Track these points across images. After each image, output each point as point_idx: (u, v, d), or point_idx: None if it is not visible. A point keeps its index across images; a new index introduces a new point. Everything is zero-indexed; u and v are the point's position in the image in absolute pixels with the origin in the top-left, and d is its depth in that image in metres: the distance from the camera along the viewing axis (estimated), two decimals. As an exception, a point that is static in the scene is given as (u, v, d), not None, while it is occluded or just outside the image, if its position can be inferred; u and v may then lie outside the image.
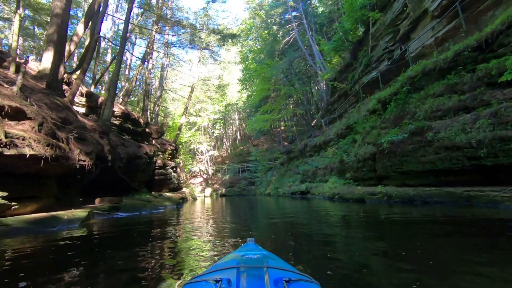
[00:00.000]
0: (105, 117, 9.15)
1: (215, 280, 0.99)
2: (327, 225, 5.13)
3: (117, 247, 3.89)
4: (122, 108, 13.21)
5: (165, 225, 6.20)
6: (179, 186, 23.34)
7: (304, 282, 1.04)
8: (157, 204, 10.34)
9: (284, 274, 1.06)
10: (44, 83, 7.09)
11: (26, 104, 4.94)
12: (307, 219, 6.16)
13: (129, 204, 8.53)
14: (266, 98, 30.75)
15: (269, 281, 0.98)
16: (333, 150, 16.25)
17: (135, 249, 3.60)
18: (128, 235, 4.86)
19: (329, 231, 4.44)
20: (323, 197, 12.89)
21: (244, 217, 7.63)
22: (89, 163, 6.29)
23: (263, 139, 48.42)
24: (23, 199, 5.40)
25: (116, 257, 3.26)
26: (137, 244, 3.94)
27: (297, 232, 4.66)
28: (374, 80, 14.53)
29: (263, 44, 31.34)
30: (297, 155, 25.41)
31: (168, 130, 30.50)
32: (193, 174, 41.97)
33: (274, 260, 1.36)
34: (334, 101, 22.76)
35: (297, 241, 3.83)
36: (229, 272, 1.08)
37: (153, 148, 14.69)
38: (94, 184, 9.22)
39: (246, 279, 1.03)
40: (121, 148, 10.34)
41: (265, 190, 28.37)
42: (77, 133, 6.34)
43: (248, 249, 1.70)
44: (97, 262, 3.06)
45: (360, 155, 10.10)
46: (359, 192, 8.78)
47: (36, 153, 4.63)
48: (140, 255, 3.27)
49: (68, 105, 7.21)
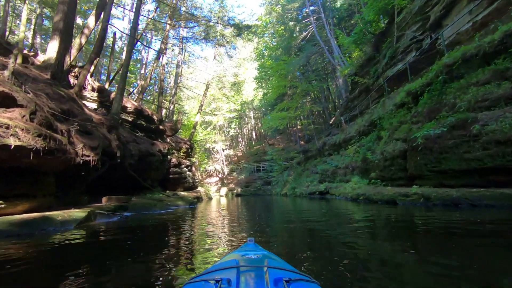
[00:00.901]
0: (114, 111, 8.76)
1: (215, 280, 0.96)
2: (353, 232, 4.40)
3: (106, 257, 3.25)
4: (135, 104, 12.91)
5: (172, 229, 5.55)
6: (194, 185, 23.05)
7: (304, 282, 1.02)
8: (169, 203, 9.87)
9: (284, 274, 1.04)
10: (49, 73, 6.76)
11: (17, 90, 4.50)
12: (329, 224, 5.43)
13: (138, 203, 8.07)
14: (282, 96, 29.97)
15: (269, 281, 0.97)
16: (354, 148, 15.31)
17: (127, 260, 3.00)
18: (126, 241, 4.23)
19: (357, 241, 3.69)
20: (344, 198, 12.03)
21: (260, 220, 6.99)
22: (94, 158, 5.85)
23: (279, 138, 47.62)
24: (12, 197, 4.86)
25: (100, 271, 2.67)
26: (132, 254, 3.32)
27: (318, 240, 3.96)
28: (400, 73, 13.49)
29: (279, 40, 30.50)
30: (315, 154, 24.49)
31: (183, 128, 30.37)
32: (208, 173, 41.80)
33: (274, 260, 1.35)
34: (354, 98, 21.69)
35: (319, 253, 3.15)
36: (229, 272, 1.06)
37: (167, 146, 14.33)
38: (104, 183, 8.86)
39: (246, 279, 1.02)
40: (133, 144, 9.97)
41: (281, 190, 27.67)
42: (81, 126, 5.91)
43: (248, 249, 1.67)
44: (74, 277, 2.44)
45: (388, 153, 9.20)
46: (389, 193, 7.91)
47: (23, 144, 4.11)
48: (131, 269, 2.69)
49: (73, 97, 6.84)
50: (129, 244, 3.92)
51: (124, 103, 11.92)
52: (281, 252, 3.20)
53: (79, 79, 8.10)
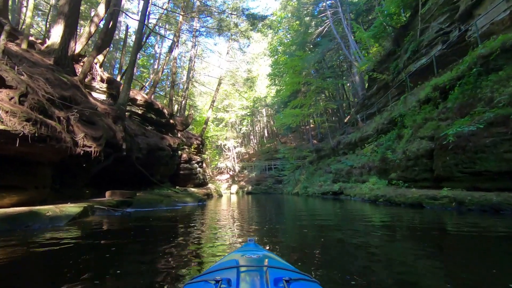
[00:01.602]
0: (121, 101, 8.40)
1: (215, 280, 0.96)
2: (375, 238, 3.85)
3: (90, 264, 2.73)
4: (145, 96, 12.63)
5: (173, 231, 4.86)
6: (205, 182, 22.81)
7: (304, 281, 1.02)
8: (177, 200, 9.51)
9: (284, 274, 1.03)
10: (52, 59, 6.49)
11: (7, 69, 4.15)
12: (345, 228, 4.89)
13: (143, 199, 7.70)
14: (296, 93, 29.29)
15: (269, 281, 0.96)
16: (371, 147, 14.58)
17: (112, 268, 2.54)
18: (121, 242, 3.73)
19: (381, 251, 3.17)
20: (361, 199, 11.39)
21: (271, 221, 6.52)
22: (97, 150, 5.51)
23: (291, 137, 46.91)
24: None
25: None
26: (114, 266, 2.65)
27: (334, 248, 3.43)
28: (423, 68, 12.65)
29: (294, 35, 29.69)
30: (329, 153, 23.78)
31: (194, 124, 30.16)
32: (219, 170, 41.66)
33: (274, 260, 1.33)
34: (371, 95, 20.82)
35: (337, 265, 2.64)
36: (229, 272, 1.05)
37: (177, 141, 14.03)
38: (109, 176, 8.59)
39: (246, 279, 1.01)
40: (141, 138, 9.68)
41: (292, 189, 27.13)
42: (83, 115, 5.57)
43: (248, 249, 1.65)
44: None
45: (411, 152, 8.52)
46: (413, 195, 7.26)
47: (7, 129, 3.68)
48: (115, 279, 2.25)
49: (76, 84, 6.53)
50: (114, 250, 3.24)
51: (134, 96, 11.66)
52: (297, 261, 2.72)
53: (84, 66, 7.79)
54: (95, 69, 9.65)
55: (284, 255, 2.87)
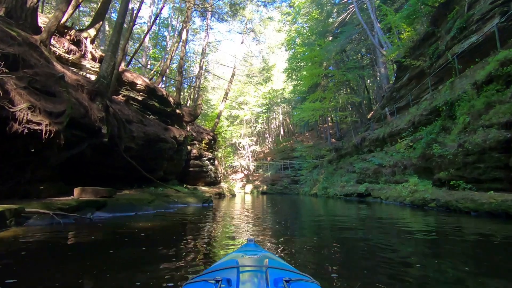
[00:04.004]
0: (103, 73, 6.78)
1: (215, 280, 0.95)
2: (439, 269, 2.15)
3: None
4: (146, 81, 11.17)
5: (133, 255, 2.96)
6: (217, 180, 21.41)
7: (304, 281, 1.01)
8: (177, 200, 7.97)
9: (284, 274, 1.03)
10: (3, 9, 5.15)
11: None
12: (398, 248, 3.18)
13: (124, 199, 6.10)
14: (315, 87, 27.40)
15: (269, 281, 0.95)
16: (406, 142, 12.62)
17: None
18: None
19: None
20: (399, 203, 9.53)
21: (290, 230, 4.93)
22: (52, 129, 4.05)
23: (308, 135, 44.99)
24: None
25: None
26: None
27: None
28: (474, 47, 10.59)
29: (313, 24, 27.63)
30: (350, 151, 21.80)
31: (206, 119, 28.85)
32: (234, 169, 40.36)
33: (274, 260, 1.29)
34: (401, 86, 18.68)
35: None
36: (229, 272, 1.04)
37: (184, 133, 12.59)
38: (95, 171, 7.15)
39: (246, 279, 1.00)
40: (137, 125, 8.26)
41: (310, 190, 25.42)
42: (39, 83, 4.15)
43: (248, 249, 1.63)
44: None
45: (473, 145, 6.62)
46: (491, 200, 5.38)
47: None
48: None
49: (33, 43, 5.13)
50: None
51: (133, 79, 10.27)
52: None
53: (48, 24, 6.33)
54: (84, 44, 8.35)
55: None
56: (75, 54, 7.98)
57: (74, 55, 7.94)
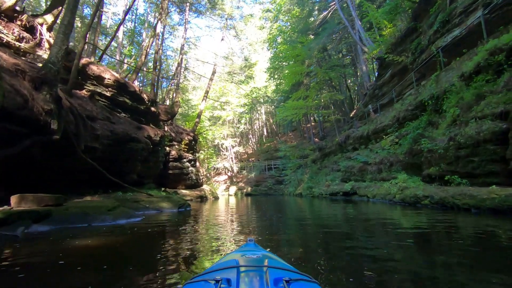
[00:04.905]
0: (52, 59, 5.81)
1: (215, 280, 0.94)
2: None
3: None
4: (115, 75, 10.10)
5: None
6: (198, 183, 20.50)
7: (304, 281, 0.99)
8: (148, 206, 7.10)
9: (284, 274, 1.02)
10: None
11: None
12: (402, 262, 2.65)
13: (75, 207, 5.08)
14: (298, 86, 27.12)
15: (269, 281, 0.95)
16: (391, 139, 12.38)
17: None
18: None
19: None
20: (388, 201, 9.16)
21: (275, 241, 4.33)
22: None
23: (291, 135, 44.80)
24: None
25: None
26: None
27: None
28: (457, 41, 10.46)
29: (295, 22, 27.31)
30: (335, 149, 21.57)
31: (187, 119, 27.81)
32: (217, 171, 39.39)
33: (274, 260, 1.31)
34: (383, 84, 18.63)
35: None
36: (229, 272, 1.03)
37: (160, 133, 11.67)
38: (49, 175, 6.16)
39: (246, 279, 0.99)
40: (103, 123, 7.35)
41: (294, 190, 25.06)
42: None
43: (248, 249, 1.62)
44: None
45: (466, 137, 6.27)
46: (491, 195, 4.99)
47: None
48: None
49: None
50: None
51: (101, 73, 9.25)
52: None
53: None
54: (39, 32, 7.35)
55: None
56: (28, 42, 7.00)
57: (27, 43, 6.95)
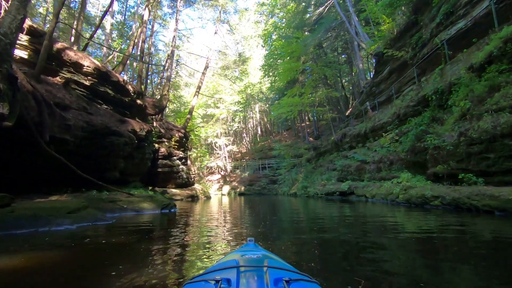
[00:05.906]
0: (2, 30, 5.04)
1: (215, 280, 0.94)
2: None
3: None
4: (96, 63, 9.13)
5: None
6: (189, 182, 19.71)
7: (304, 281, 0.99)
8: (126, 207, 6.29)
9: (284, 274, 1.01)
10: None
11: None
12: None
13: (24, 209, 4.21)
14: (293, 83, 26.52)
15: (269, 281, 0.94)
16: (391, 136, 11.83)
17: None
18: None
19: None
20: (389, 201, 8.59)
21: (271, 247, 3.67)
22: None
23: (286, 135, 44.30)
24: None
25: None
26: None
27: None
28: (462, 33, 9.96)
29: (290, 17, 26.65)
30: (330, 148, 21.04)
31: (178, 116, 26.92)
32: (210, 170, 38.59)
33: (274, 260, 1.30)
34: (380, 81, 18.14)
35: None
36: (229, 272, 1.03)
37: (147, 127, 10.87)
38: (11, 172, 5.36)
39: (246, 279, 0.99)
40: (78, 113, 6.57)
41: (289, 190, 24.50)
42: None
43: (248, 249, 1.62)
44: None
45: (479, 132, 5.71)
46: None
47: None
48: None
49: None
50: None
51: (79, 59, 8.37)
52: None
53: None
54: (4, 8, 6.57)
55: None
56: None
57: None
